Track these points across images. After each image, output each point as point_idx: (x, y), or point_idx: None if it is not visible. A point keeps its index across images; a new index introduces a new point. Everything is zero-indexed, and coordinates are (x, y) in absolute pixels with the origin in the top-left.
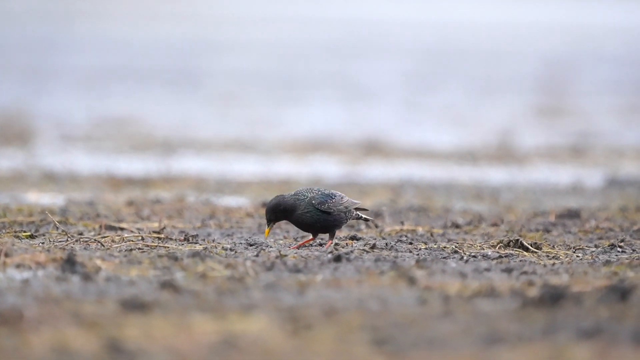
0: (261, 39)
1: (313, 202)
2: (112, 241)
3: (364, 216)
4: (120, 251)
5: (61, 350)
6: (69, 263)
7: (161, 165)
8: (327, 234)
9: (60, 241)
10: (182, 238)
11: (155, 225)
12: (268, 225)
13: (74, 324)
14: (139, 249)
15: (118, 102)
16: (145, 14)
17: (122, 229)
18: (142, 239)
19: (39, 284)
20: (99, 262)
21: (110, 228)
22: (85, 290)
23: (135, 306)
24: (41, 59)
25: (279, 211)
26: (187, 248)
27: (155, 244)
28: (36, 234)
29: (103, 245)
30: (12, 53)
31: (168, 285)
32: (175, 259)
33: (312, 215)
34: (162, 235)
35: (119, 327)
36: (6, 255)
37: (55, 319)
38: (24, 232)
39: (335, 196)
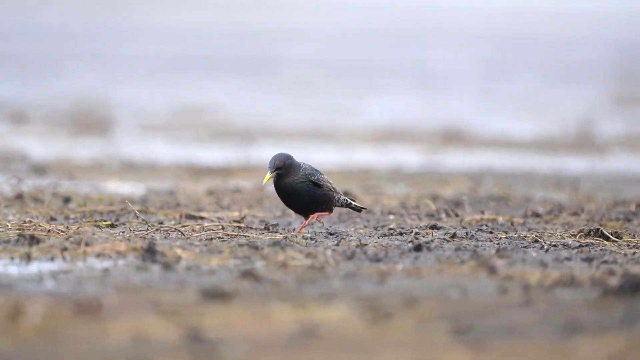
0: (337, 27)
1: (306, 172)
2: (193, 230)
3: (354, 204)
4: (200, 240)
5: (140, 340)
6: (149, 252)
7: (240, 154)
8: (312, 213)
9: (140, 230)
10: (263, 227)
11: (236, 214)
12: (270, 173)
13: (154, 313)
14: (219, 238)
15: (196, 91)
16: (223, 2)
17: (202, 218)
18: (223, 228)
19: (119, 273)
20: (179, 251)
21: (191, 217)
22: (165, 279)
23: (215, 295)
24: (120, 48)
25: (287, 165)
26: (267, 237)
27: (236, 233)
28: (116, 223)
29: (183, 235)
30: (92, 42)
31: (248, 275)
32: (256, 248)
33: (303, 185)
34: (243, 225)
35: (199, 316)
36: (87, 244)
37: (135, 308)
38: (105, 221)
39: (321, 173)
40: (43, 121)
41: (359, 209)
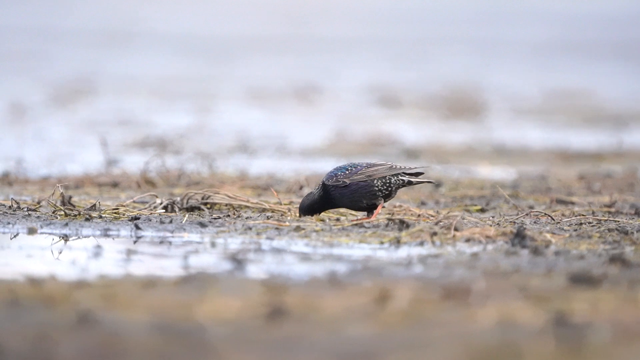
0: None
1: (323, 179)
2: (562, 215)
3: (414, 180)
4: (570, 225)
5: (506, 323)
6: (519, 237)
7: (612, 138)
8: (369, 211)
9: (510, 215)
10: (633, 212)
11: (606, 199)
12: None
13: (521, 298)
14: (589, 223)
15: (568, 75)
16: None
17: (572, 202)
18: (593, 212)
19: (488, 257)
20: (548, 236)
21: (561, 202)
22: (533, 264)
23: (583, 280)
24: (492, 32)
25: (308, 208)
26: (637, 222)
27: (606, 218)
28: (487, 208)
29: (553, 219)
30: (469, 26)
31: (617, 259)
32: (625, 232)
33: (327, 194)
34: (613, 209)
35: (566, 300)
36: (456, 229)
37: (503, 293)
38: (475, 205)
39: (356, 166)
40: (416, 105)
41: (424, 183)
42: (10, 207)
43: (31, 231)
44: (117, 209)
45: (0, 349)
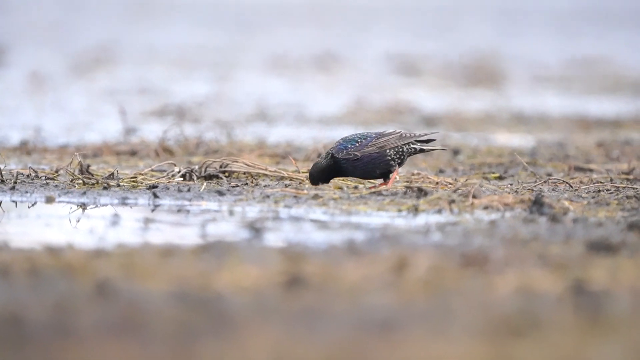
0: None
1: (332, 152)
2: (581, 182)
3: (426, 148)
4: (588, 192)
5: (525, 291)
6: (537, 204)
7: (631, 106)
8: (382, 179)
9: (528, 182)
10: None
11: (625, 166)
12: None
13: (540, 266)
14: (607, 190)
15: (588, 43)
16: None
17: (590, 170)
18: (611, 180)
19: (506, 225)
20: (566, 203)
21: (579, 169)
22: (552, 231)
23: (601, 248)
24: (512, 0)
25: (319, 177)
26: None
27: (624, 185)
28: (505, 176)
29: (571, 187)
30: None
31: (635, 227)
32: None
33: (337, 165)
34: (631, 177)
35: (585, 268)
36: (474, 197)
37: (521, 261)
38: (493, 173)
39: (365, 138)
40: (435, 73)
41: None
42: (28, 175)
43: (49, 200)
44: (135, 177)
45: (19, 319)
